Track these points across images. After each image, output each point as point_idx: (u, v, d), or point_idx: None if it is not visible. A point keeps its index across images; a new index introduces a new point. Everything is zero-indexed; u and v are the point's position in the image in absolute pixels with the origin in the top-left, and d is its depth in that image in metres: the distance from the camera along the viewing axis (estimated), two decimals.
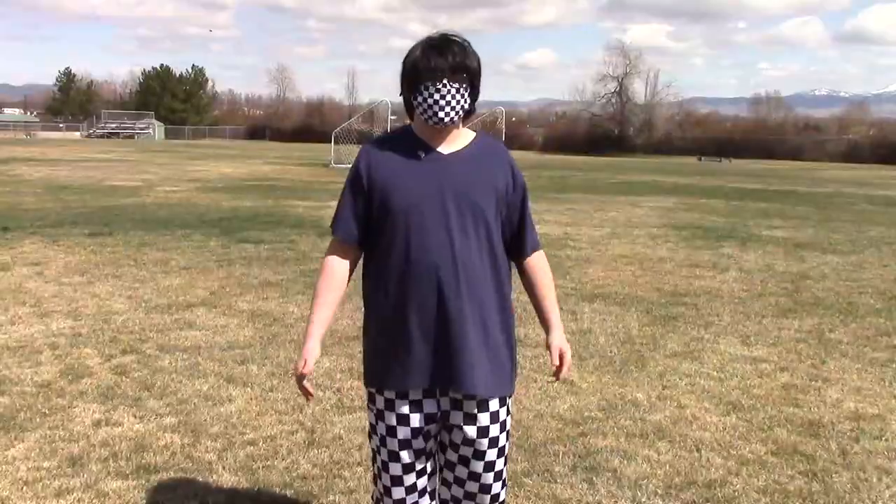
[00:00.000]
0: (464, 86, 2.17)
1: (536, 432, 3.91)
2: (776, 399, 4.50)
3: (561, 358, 2.35)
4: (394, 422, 2.25)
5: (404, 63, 2.22)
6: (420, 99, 2.16)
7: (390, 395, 2.25)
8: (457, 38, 2.21)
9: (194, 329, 5.68)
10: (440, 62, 2.14)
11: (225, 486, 3.27)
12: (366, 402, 2.37)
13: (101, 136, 70.40)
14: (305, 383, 2.27)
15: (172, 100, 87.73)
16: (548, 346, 2.38)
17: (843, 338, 5.91)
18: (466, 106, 2.20)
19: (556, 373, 2.37)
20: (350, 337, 5.54)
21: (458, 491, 2.32)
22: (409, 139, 2.25)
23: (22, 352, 5.02)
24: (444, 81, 2.14)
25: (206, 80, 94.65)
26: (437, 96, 2.14)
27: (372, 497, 2.47)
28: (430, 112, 2.16)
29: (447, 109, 2.15)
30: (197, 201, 14.82)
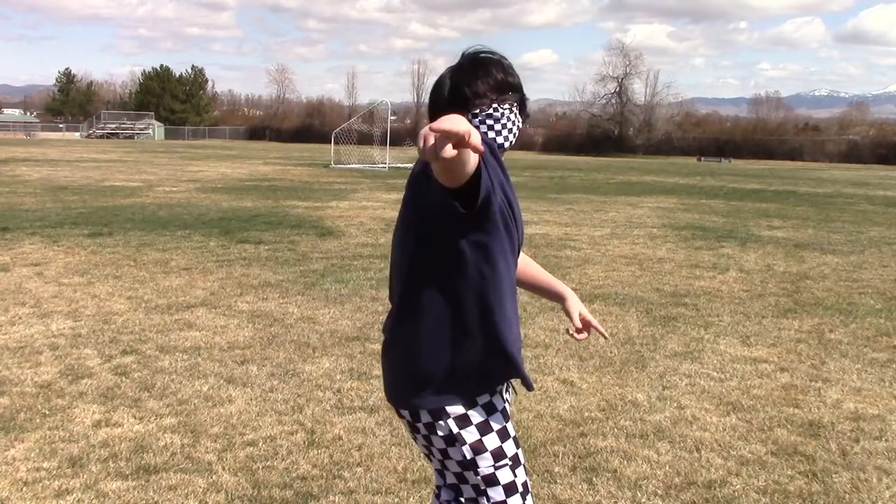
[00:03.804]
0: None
1: (536, 433, 3.91)
2: (776, 399, 4.50)
3: (584, 321, 2.21)
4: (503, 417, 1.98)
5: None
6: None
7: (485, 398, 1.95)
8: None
9: (194, 330, 5.68)
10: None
11: (225, 487, 3.27)
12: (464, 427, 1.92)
13: (101, 137, 70.44)
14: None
15: (172, 100, 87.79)
16: (567, 313, 2.22)
17: (843, 338, 5.91)
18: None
19: (583, 330, 2.22)
20: (350, 337, 5.55)
21: None
22: None
23: (22, 352, 5.02)
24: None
25: (206, 81, 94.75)
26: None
27: None
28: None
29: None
30: (197, 202, 14.82)
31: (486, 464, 1.92)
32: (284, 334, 5.61)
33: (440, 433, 1.91)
